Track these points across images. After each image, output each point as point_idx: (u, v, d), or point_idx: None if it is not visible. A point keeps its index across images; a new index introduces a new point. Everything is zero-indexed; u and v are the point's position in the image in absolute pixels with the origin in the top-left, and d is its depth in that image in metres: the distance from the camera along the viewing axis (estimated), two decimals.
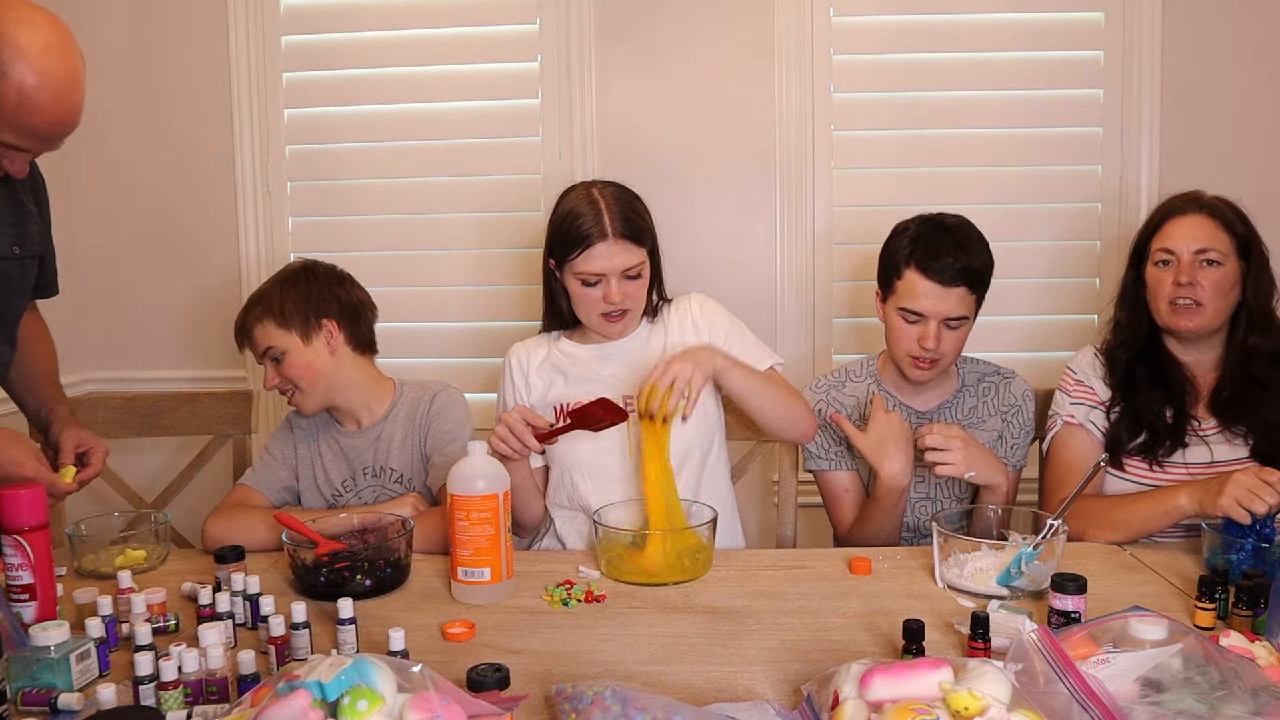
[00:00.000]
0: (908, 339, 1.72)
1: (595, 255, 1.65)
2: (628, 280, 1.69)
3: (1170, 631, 0.99)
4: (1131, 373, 1.71)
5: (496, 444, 1.57)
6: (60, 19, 1.39)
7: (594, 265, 1.66)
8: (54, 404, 1.79)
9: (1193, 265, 1.63)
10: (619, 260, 1.66)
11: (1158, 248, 1.68)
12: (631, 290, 1.70)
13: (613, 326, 1.73)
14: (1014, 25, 2.33)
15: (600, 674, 1.16)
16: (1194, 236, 1.64)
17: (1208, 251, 1.63)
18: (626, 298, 1.69)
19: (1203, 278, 1.62)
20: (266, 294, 1.78)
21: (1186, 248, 1.64)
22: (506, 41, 2.42)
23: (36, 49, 1.33)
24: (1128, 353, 1.73)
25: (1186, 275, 1.62)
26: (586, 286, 1.69)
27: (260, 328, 1.75)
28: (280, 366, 1.76)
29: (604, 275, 1.67)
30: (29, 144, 1.41)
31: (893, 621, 1.27)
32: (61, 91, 1.37)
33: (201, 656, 1.12)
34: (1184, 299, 1.64)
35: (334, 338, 1.78)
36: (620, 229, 1.65)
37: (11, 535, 1.29)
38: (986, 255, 1.73)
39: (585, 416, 1.60)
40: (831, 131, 2.38)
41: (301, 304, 1.76)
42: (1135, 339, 1.73)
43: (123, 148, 2.54)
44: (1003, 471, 1.69)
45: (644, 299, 1.76)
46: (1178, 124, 2.32)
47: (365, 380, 1.83)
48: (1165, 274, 1.66)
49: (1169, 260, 1.66)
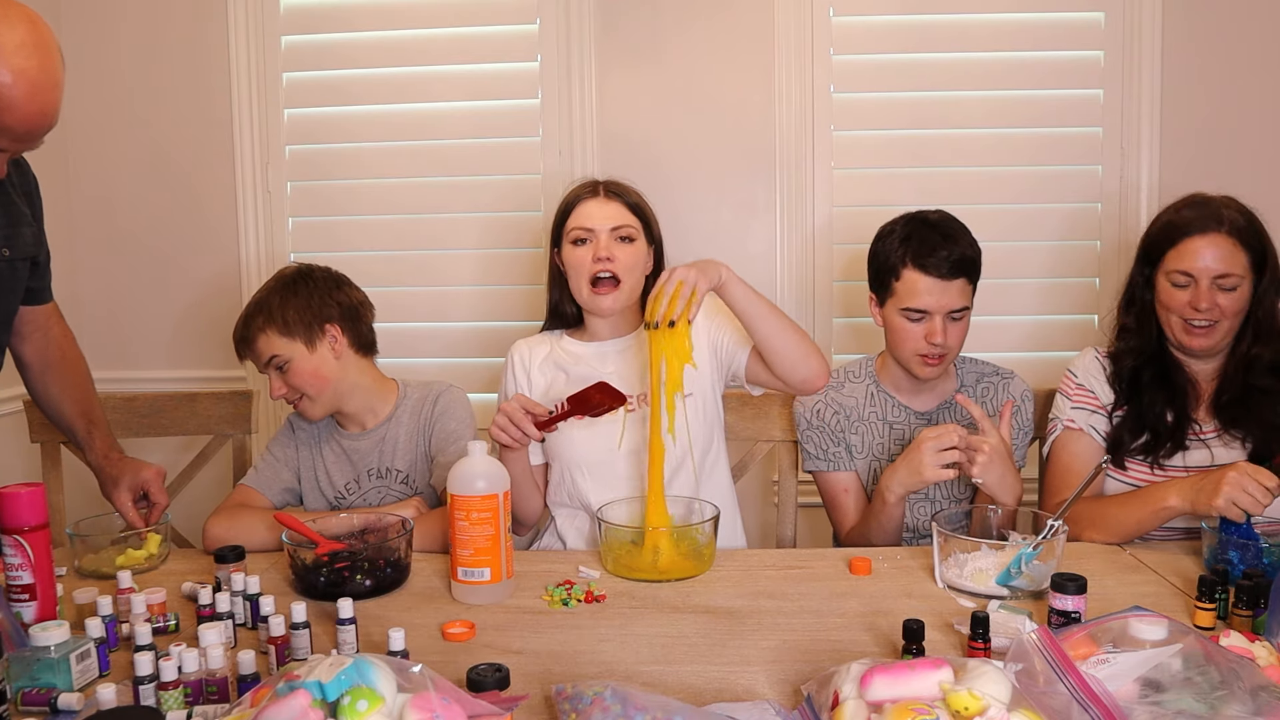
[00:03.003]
0: (914, 338, 1.72)
1: (584, 211, 1.73)
2: (618, 242, 1.71)
3: (1170, 631, 0.99)
4: (1137, 377, 1.70)
5: (496, 433, 1.57)
6: (38, 15, 1.36)
7: (582, 220, 1.72)
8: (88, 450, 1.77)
9: (1211, 290, 1.60)
10: (609, 214, 1.72)
11: (1176, 268, 1.63)
12: (621, 254, 1.70)
13: (602, 299, 1.71)
14: (1014, 25, 2.33)
15: (600, 674, 1.16)
16: (1215, 260, 1.59)
17: (1228, 277, 1.60)
18: (616, 260, 1.70)
19: (1220, 300, 1.60)
20: (265, 302, 1.75)
21: (1206, 272, 1.60)
22: (506, 41, 2.42)
23: (10, 46, 1.31)
24: (1135, 360, 1.71)
25: (1206, 301, 1.60)
26: (577, 247, 1.72)
27: (263, 338, 1.73)
28: (286, 375, 1.74)
29: (592, 231, 1.70)
30: (4, 143, 1.39)
31: (893, 621, 1.27)
32: (36, 89, 1.34)
33: (201, 656, 1.12)
34: (1201, 321, 1.62)
35: (338, 342, 1.76)
36: (613, 190, 1.74)
37: (11, 535, 1.29)
38: (975, 244, 1.73)
39: (584, 402, 1.58)
40: (831, 131, 2.38)
41: (303, 310, 1.74)
42: (1143, 347, 1.71)
43: (123, 147, 2.53)
44: (1015, 495, 1.61)
45: (636, 273, 1.75)
46: (1178, 124, 2.32)
47: (370, 383, 1.83)
48: (1181, 294, 1.63)
49: (1186, 283, 1.62)
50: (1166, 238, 1.66)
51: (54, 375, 1.78)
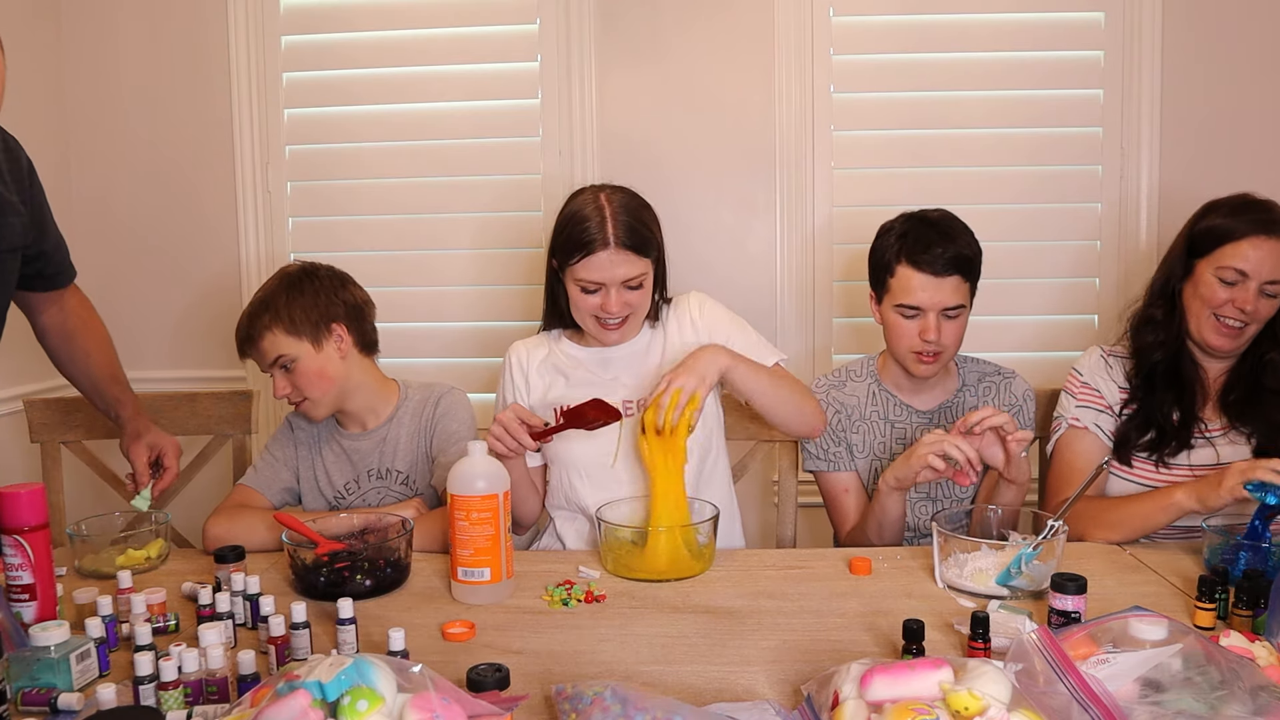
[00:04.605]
0: (908, 335, 1.72)
1: (596, 264, 1.63)
2: (628, 290, 1.66)
3: (1170, 631, 0.99)
4: (1152, 372, 1.70)
5: (492, 443, 1.57)
6: None
7: (594, 274, 1.63)
8: (118, 406, 1.79)
9: (1258, 294, 1.60)
10: (620, 271, 1.63)
11: (1230, 264, 1.61)
12: (631, 299, 1.67)
13: (609, 334, 1.71)
14: (1014, 25, 2.33)
15: (600, 674, 1.16)
16: (1272, 267, 1.59)
17: (1277, 284, 1.60)
18: (625, 306, 1.67)
19: (1261, 305, 1.61)
20: (270, 301, 1.73)
21: (1259, 274, 1.59)
22: (506, 41, 2.42)
23: None
24: (1161, 353, 1.69)
25: (1251, 303, 1.59)
26: (586, 293, 1.67)
27: (269, 337, 1.71)
28: (291, 375, 1.72)
29: (603, 285, 1.65)
30: None
31: (893, 621, 1.27)
32: None
33: (201, 656, 1.12)
34: (1235, 322, 1.62)
35: (344, 341, 1.75)
36: (623, 239, 1.62)
37: (11, 535, 1.29)
38: (974, 243, 1.73)
39: (579, 417, 1.59)
40: (831, 131, 2.38)
41: (310, 309, 1.72)
42: (1170, 340, 1.69)
43: (123, 147, 2.53)
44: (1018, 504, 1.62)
45: (645, 307, 1.73)
46: (1178, 124, 2.32)
47: (372, 383, 1.82)
48: (1226, 291, 1.62)
49: (1236, 280, 1.61)
50: (1223, 233, 1.64)
51: (79, 341, 1.79)
